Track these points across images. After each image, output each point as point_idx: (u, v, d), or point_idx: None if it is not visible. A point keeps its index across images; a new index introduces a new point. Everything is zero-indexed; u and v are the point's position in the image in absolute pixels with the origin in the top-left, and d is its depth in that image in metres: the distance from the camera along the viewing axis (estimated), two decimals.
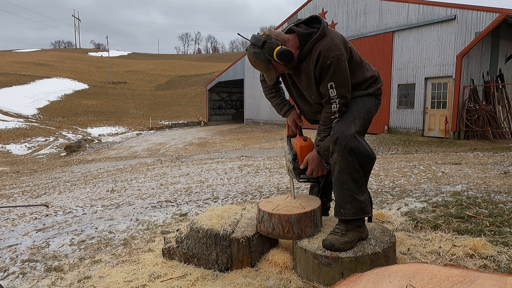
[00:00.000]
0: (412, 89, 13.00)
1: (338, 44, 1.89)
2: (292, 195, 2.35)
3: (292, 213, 2.04)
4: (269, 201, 2.27)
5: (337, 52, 1.87)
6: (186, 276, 2.08)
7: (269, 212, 2.07)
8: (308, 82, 2.01)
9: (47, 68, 47.72)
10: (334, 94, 1.91)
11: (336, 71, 1.88)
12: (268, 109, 20.23)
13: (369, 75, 2.06)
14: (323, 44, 1.89)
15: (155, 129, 23.73)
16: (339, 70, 1.88)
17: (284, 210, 2.10)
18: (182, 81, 49.89)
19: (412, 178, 5.07)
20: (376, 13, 13.94)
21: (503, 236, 2.33)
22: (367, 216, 1.98)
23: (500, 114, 11.75)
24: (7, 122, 21.63)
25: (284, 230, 2.04)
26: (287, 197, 2.38)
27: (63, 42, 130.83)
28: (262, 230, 2.11)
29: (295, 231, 2.04)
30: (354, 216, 1.91)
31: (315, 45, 1.90)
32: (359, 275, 1.30)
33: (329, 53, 1.87)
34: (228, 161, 9.32)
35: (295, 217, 2.04)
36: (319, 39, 1.91)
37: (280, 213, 2.04)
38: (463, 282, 1.13)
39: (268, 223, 2.07)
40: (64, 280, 2.22)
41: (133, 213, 4.03)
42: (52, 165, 12.31)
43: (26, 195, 6.54)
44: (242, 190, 5.05)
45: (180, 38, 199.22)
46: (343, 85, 1.91)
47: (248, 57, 1.97)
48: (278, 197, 2.40)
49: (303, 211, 2.08)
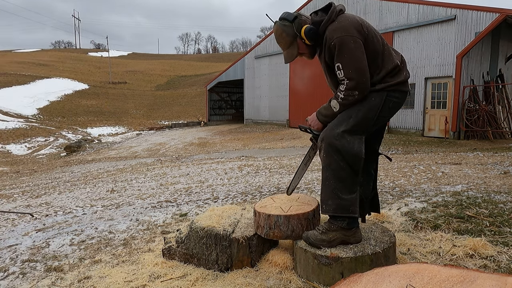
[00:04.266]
0: (412, 89, 12.99)
1: (345, 26, 1.87)
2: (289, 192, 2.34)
3: (307, 210, 2.06)
4: (265, 206, 2.21)
5: (342, 33, 1.85)
6: (186, 276, 2.08)
7: (285, 215, 2.03)
8: (324, 68, 2.06)
9: (47, 68, 47.70)
10: (342, 76, 1.88)
11: (341, 52, 1.85)
12: (268, 109, 20.24)
13: (386, 69, 1.95)
14: (330, 28, 1.91)
15: (155, 129, 23.72)
16: (345, 51, 1.84)
17: (296, 209, 2.09)
18: (182, 81, 49.87)
19: (412, 178, 5.07)
20: (376, 13, 13.94)
21: (503, 236, 2.33)
22: (350, 215, 1.89)
23: (500, 114, 11.75)
24: (7, 122, 21.62)
25: (303, 229, 2.04)
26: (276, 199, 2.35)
27: (63, 42, 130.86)
28: (278, 235, 2.05)
29: (312, 227, 2.06)
30: (335, 213, 1.90)
31: (325, 31, 1.93)
32: (359, 275, 1.30)
33: (333, 34, 1.87)
34: (228, 161, 9.32)
35: (312, 214, 2.06)
36: (327, 24, 1.93)
37: (298, 213, 2.03)
38: (463, 282, 1.13)
39: (285, 226, 2.02)
40: (64, 280, 2.22)
41: (133, 213, 4.03)
42: (52, 165, 12.30)
43: (26, 195, 6.54)
44: (242, 190, 5.05)
45: (180, 38, 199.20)
46: (351, 66, 1.85)
47: (276, 30, 2.05)
48: (266, 201, 2.33)
49: (314, 206, 2.12)
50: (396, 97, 1.98)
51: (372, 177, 2.20)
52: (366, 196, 2.18)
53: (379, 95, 1.95)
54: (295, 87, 17.72)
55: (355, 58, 1.84)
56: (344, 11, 1.99)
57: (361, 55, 1.85)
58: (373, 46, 1.93)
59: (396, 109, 2.03)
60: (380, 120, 2.01)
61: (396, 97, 1.98)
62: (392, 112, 2.02)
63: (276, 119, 19.72)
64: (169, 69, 59.23)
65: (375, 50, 1.93)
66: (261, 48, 20.14)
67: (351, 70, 1.85)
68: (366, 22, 1.99)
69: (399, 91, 1.98)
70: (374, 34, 1.95)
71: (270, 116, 20.17)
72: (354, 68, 1.85)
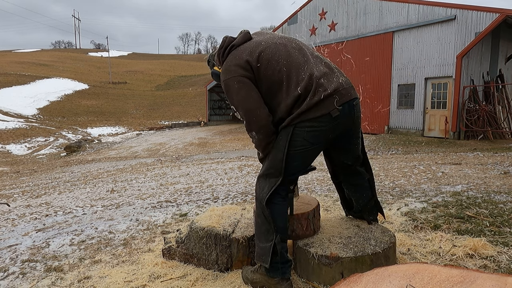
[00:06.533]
0: (412, 89, 13.00)
1: (229, 66, 1.80)
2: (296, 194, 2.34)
3: (307, 210, 2.05)
4: None
5: (226, 76, 1.80)
6: (186, 276, 2.08)
7: None
8: None
9: (47, 68, 47.71)
10: (240, 117, 1.86)
11: (228, 95, 1.82)
12: None
13: (289, 101, 1.72)
14: (221, 69, 1.88)
15: (155, 129, 23.72)
16: (231, 93, 1.79)
17: (295, 209, 2.08)
18: (182, 81, 49.88)
19: (412, 178, 5.07)
20: (376, 13, 13.94)
21: (503, 236, 2.33)
22: (262, 264, 1.80)
23: (500, 114, 11.76)
24: (7, 122, 21.62)
25: (303, 229, 2.03)
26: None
27: (63, 42, 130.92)
28: None
29: (311, 227, 2.05)
30: (256, 260, 1.87)
31: None
32: (359, 275, 1.30)
33: (222, 77, 1.85)
34: (228, 161, 9.32)
35: (312, 213, 2.06)
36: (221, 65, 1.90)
37: (298, 213, 2.03)
38: (463, 282, 1.13)
39: None
40: (64, 280, 2.22)
41: (133, 213, 4.03)
42: (52, 165, 12.30)
43: (26, 195, 6.54)
44: (242, 190, 5.05)
45: (180, 38, 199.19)
46: (240, 108, 1.78)
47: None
48: None
49: (314, 205, 2.12)
50: (309, 126, 1.72)
51: (361, 188, 2.12)
52: (362, 205, 2.15)
53: (285, 131, 1.77)
54: None
55: (241, 99, 1.76)
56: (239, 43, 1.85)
57: (248, 95, 1.74)
58: (271, 77, 1.76)
59: (323, 136, 1.76)
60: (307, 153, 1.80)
61: (309, 126, 1.73)
62: (315, 141, 1.76)
63: None
64: (169, 69, 59.23)
65: (274, 81, 1.76)
66: None
67: (242, 112, 1.80)
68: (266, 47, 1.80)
69: (308, 120, 1.72)
70: (276, 61, 1.76)
71: None
72: (243, 110, 1.78)
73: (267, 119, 1.77)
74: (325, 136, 1.78)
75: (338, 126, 1.77)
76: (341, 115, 1.74)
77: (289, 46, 1.84)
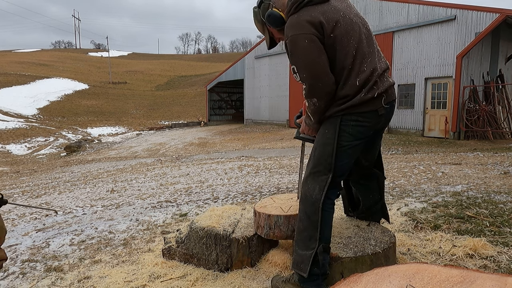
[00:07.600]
0: (412, 89, 13.00)
1: (300, 22, 1.61)
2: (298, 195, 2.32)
3: None
4: (265, 206, 2.20)
5: (295, 31, 1.61)
6: (186, 276, 2.08)
7: (285, 215, 2.02)
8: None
9: (47, 68, 47.70)
10: (299, 80, 1.69)
11: (293, 54, 1.65)
12: (268, 109, 20.24)
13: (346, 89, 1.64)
14: (288, 22, 1.69)
15: (155, 129, 23.72)
16: (297, 53, 1.62)
17: (296, 209, 2.06)
18: (182, 81, 49.88)
19: (412, 178, 5.07)
20: (376, 13, 13.94)
21: (503, 236, 2.33)
22: (299, 272, 1.68)
23: (500, 114, 11.75)
24: (7, 122, 21.62)
25: None
26: (276, 199, 2.34)
27: (63, 42, 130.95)
28: (278, 236, 2.04)
29: None
30: (293, 267, 1.74)
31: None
32: (359, 275, 1.30)
33: (287, 31, 1.66)
34: (228, 161, 9.32)
35: None
36: (288, 16, 1.70)
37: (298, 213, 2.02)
38: (463, 283, 1.13)
39: (286, 226, 2.01)
40: (64, 280, 2.22)
41: (133, 213, 4.03)
42: (52, 165, 12.30)
43: (26, 195, 6.54)
44: (242, 190, 5.05)
45: (180, 38, 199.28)
46: (305, 69, 1.62)
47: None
48: (266, 201, 2.33)
49: None
50: (355, 120, 1.68)
51: (370, 189, 2.09)
52: (368, 207, 2.12)
53: (332, 123, 1.70)
54: (295, 87, 17.71)
55: (309, 62, 1.60)
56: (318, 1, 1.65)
57: (318, 57, 1.60)
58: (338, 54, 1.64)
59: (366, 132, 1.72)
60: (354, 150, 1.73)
61: (354, 120, 1.68)
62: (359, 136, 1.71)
63: (276, 119, 19.72)
64: (169, 69, 59.22)
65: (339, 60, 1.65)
66: (261, 48, 20.13)
67: (305, 74, 1.63)
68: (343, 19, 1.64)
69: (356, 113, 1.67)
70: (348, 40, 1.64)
71: (270, 116, 20.17)
72: (310, 73, 1.62)
73: (333, 87, 1.64)
74: (367, 132, 1.73)
75: (378, 124, 1.76)
76: (385, 113, 1.74)
77: (362, 29, 1.71)
